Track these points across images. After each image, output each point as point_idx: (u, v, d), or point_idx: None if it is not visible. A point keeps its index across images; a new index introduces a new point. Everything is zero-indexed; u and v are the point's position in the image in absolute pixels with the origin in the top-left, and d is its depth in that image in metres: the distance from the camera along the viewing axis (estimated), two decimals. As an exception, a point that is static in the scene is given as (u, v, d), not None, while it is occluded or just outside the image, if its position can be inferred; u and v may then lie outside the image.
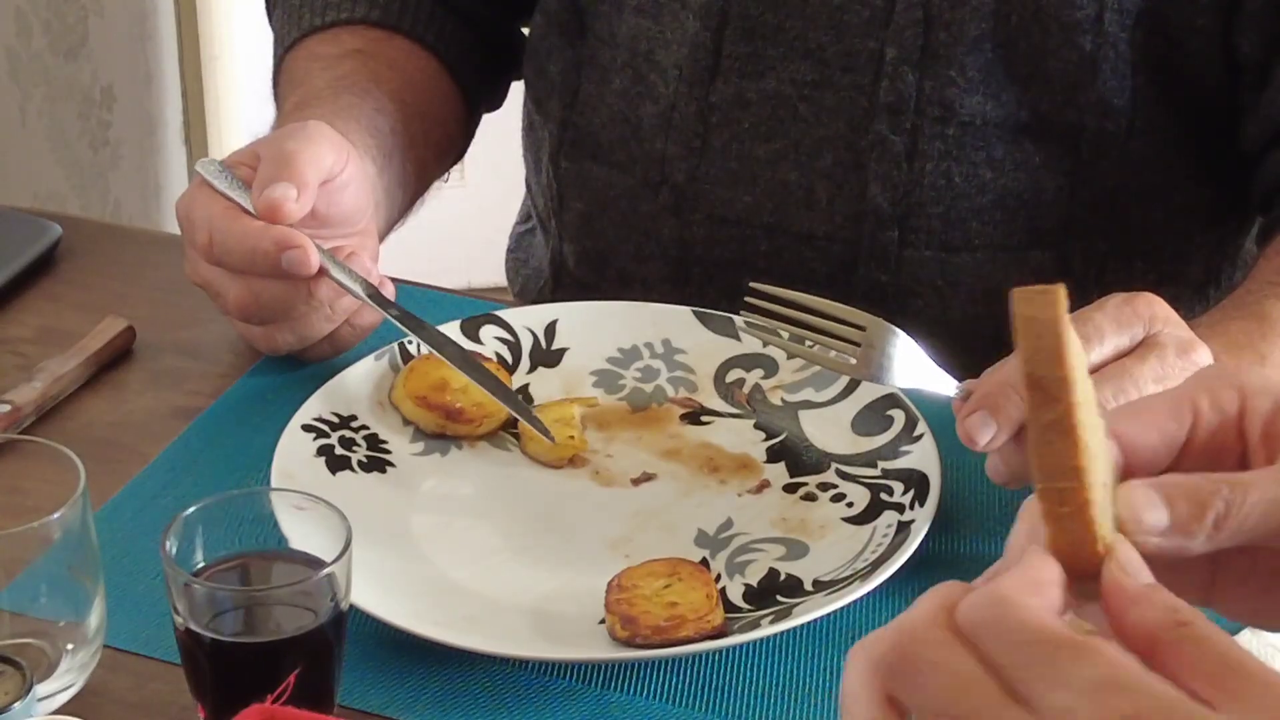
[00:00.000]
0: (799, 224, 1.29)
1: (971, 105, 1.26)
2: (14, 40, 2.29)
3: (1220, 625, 0.64)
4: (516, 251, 1.53)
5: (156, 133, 2.50)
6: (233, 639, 0.90)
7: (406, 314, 1.16)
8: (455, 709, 0.98)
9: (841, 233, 1.29)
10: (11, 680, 0.88)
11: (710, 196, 1.32)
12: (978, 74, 1.25)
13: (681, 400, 1.20)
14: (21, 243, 1.33)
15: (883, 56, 1.26)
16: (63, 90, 2.36)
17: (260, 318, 1.16)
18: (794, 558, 1.07)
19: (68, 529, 0.94)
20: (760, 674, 1.00)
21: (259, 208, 1.14)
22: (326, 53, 1.34)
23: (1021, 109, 1.26)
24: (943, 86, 1.26)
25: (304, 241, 1.13)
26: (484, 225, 1.69)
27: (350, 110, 1.26)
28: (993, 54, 1.25)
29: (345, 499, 0.99)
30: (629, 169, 1.35)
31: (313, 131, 1.17)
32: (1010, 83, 1.25)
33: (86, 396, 1.20)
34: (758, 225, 1.31)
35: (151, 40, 2.47)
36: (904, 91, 1.26)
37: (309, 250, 1.13)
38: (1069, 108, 1.26)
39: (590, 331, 1.22)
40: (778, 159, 1.30)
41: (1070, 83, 1.25)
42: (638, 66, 1.33)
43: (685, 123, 1.31)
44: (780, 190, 1.30)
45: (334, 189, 1.17)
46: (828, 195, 1.29)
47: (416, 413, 1.15)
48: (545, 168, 1.42)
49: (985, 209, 1.28)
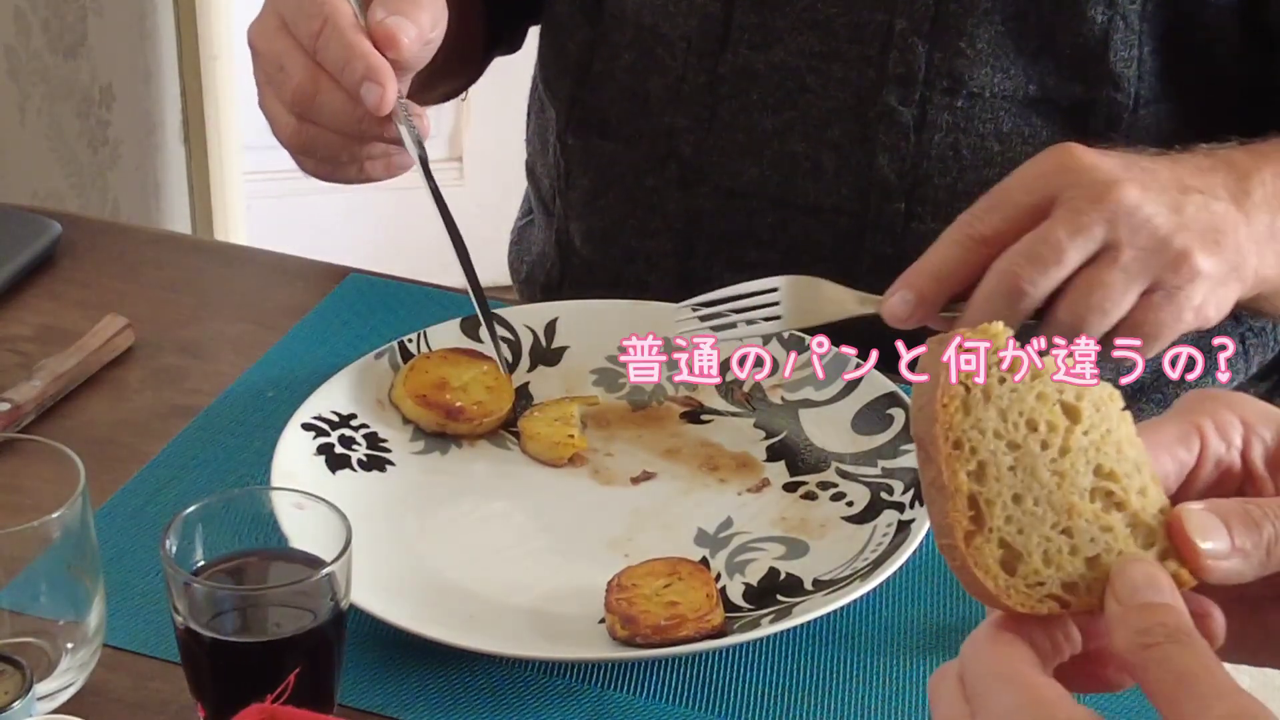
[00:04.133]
0: (805, 196, 1.29)
1: (980, 77, 1.26)
2: (13, 39, 2.29)
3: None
4: (519, 245, 1.53)
5: (156, 132, 2.50)
6: (232, 638, 0.90)
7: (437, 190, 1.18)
8: (455, 709, 0.97)
9: (848, 205, 1.29)
10: (11, 680, 0.88)
11: (717, 169, 1.32)
12: (987, 46, 1.25)
13: (681, 399, 1.20)
14: (21, 241, 1.32)
15: (892, 28, 1.26)
16: (62, 89, 2.36)
17: (307, 112, 1.16)
18: (794, 557, 1.07)
19: (67, 528, 0.94)
20: (760, 674, 1.00)
21: (375, 30, 1.15)
22: None
23: (1030, 82, 1.26)
24: (952, 58, 1.26)
25: (390, 82, 1.14)
26: (484, 224, 1.68)
27: None
28: (1003, 26, 1.25)
29: (345, 498, 0.99)
30: (635, 144, 1.36)
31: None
32: (1019, 55, 1.25)
33: (86, 395, 1.20)
34: (764, 197, 1.31)
35: (150, 40, 2.47)
36: (913, 63, 1.26)
37: (389, 92, 1.13)
38: (1078, 81, 1.25)
39: (590, 330, 1.22)
40: (785, 130, 1.30)
41: (1080, 56, 1.25)
42: (645, 41, 1.34)
43: (694, 94, 1.32)
44: (787, 162, 1.30)
45: (427, 49, 1.18)
46: (834, 167, 1.29)
47: (416, 411, 1.15)
48: (552, 146, 1.42)
49: (992, 181, 1.27)
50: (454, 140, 2.79)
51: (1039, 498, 0.70)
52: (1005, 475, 0.70)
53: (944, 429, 0.69)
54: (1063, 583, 0.70)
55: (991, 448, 0.70)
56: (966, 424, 0.70)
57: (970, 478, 0.70)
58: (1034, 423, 0.70)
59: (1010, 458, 0.70)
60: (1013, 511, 0.70)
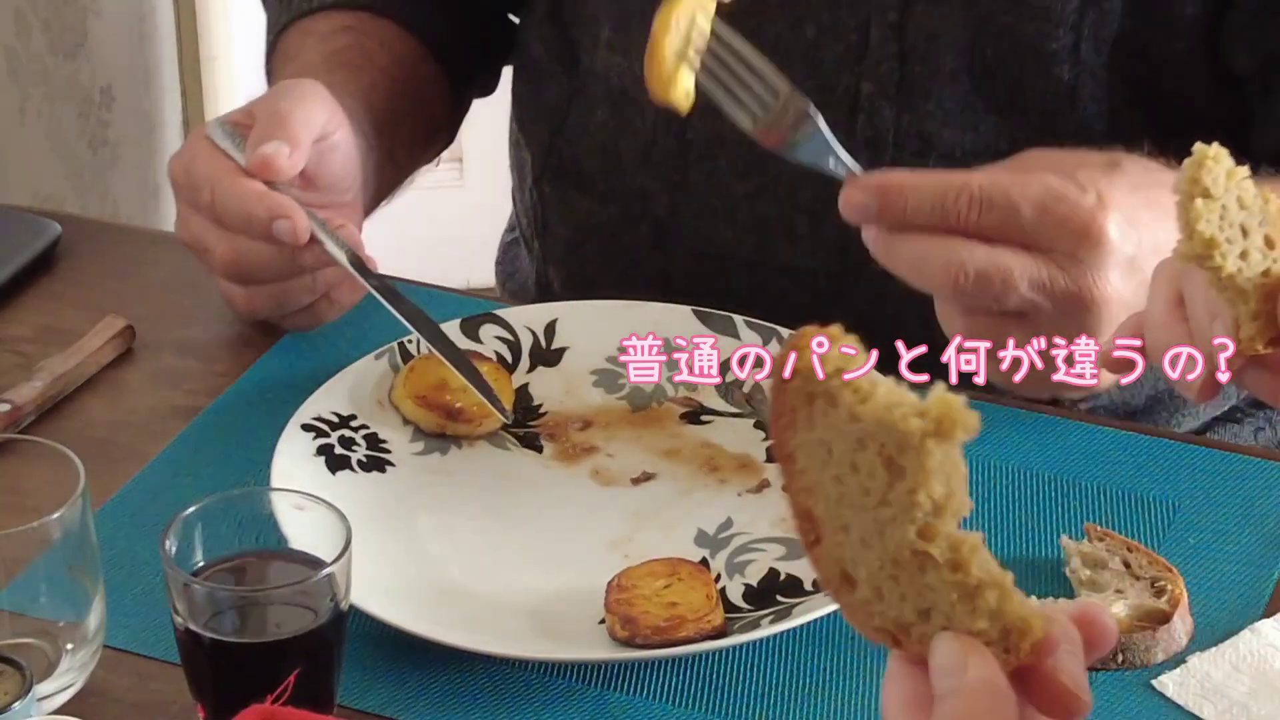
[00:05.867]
0: (781, 258, 1.27)
1: (950, 137, 1.25)
2: (13, 40, 2.28)
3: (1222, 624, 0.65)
4: (504, 263, 1.52)
5: (156, 133, 2.50)
6: (232, 639, 0.90)
7: (386, 286, 1.17)
8: (455, 709, 0.97)
9: (825, 266, 1.27)
10: (11, 680, 0.88)
11: (691, 231, 1.31)
12: (955, 106, 1.24)
13: (681, 399, 1.20)
14: (21, 242, 1.32)
15: (859, 91, 1.25)
16: (62, 90, 2.35)
17: (244, 278, 1.18)
18: (794, 557, 1.07)
19: (67, 529, 0.94)
20: (760, 674, 1.00)
21: (251, 164, 1.16)
22: (320, 29, 1.35)
23: (1001, 139, 1.24)
24: (920, 120, 1.24)
25: (296, 211, 1.14)
26: (484, 225, 1.68)
27: (344, 85, 1.26)
28: (970, 86, 1.24)
29: (345, 499, 0.99)
30: (610, 200, 1.35)
31: (306, 90, 1.19)
32: (988, 114, 1.24)
33: (86, 396, 1.20)
34: (740, 259, 1.30)
35: (150, 40, 2.46)
36: (881, 126, 1.25)
37: (299, 220, 1.14)
38: (1048, 136, 1.23)
39: (590, 331, 1.22)
40: (756, 194, 1.29)
41: (1049, 111, 1.24)
42: (616, 101, 1.33)
43: (664, 158, 1.31)
44: (761, 225, 1.29)
45: (325, 149, 1.19)
46: (808, 230, 1.28)
47: (416, 412, 1.15)
48: (529, 188, 1.42)
49: None
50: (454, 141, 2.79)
51: (867, 538, 0.67)
52: (833, 505, 0.67)
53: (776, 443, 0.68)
54: (896, 621, 0.68)
55: (817, 476, 0.67)
56: (794, 442, 0.67)
57: (803, 493, 0.68)
58: (855, 465, 0.66)
59: (836, 491, 0.67)
60: (843, 539, 0.67)
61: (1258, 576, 1.06)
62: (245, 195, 1.15)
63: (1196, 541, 1.09)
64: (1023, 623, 0.67)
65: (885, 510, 0.66)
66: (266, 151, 1.15)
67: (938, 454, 0.65)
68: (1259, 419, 1.36)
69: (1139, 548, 1.05)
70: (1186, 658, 1.00)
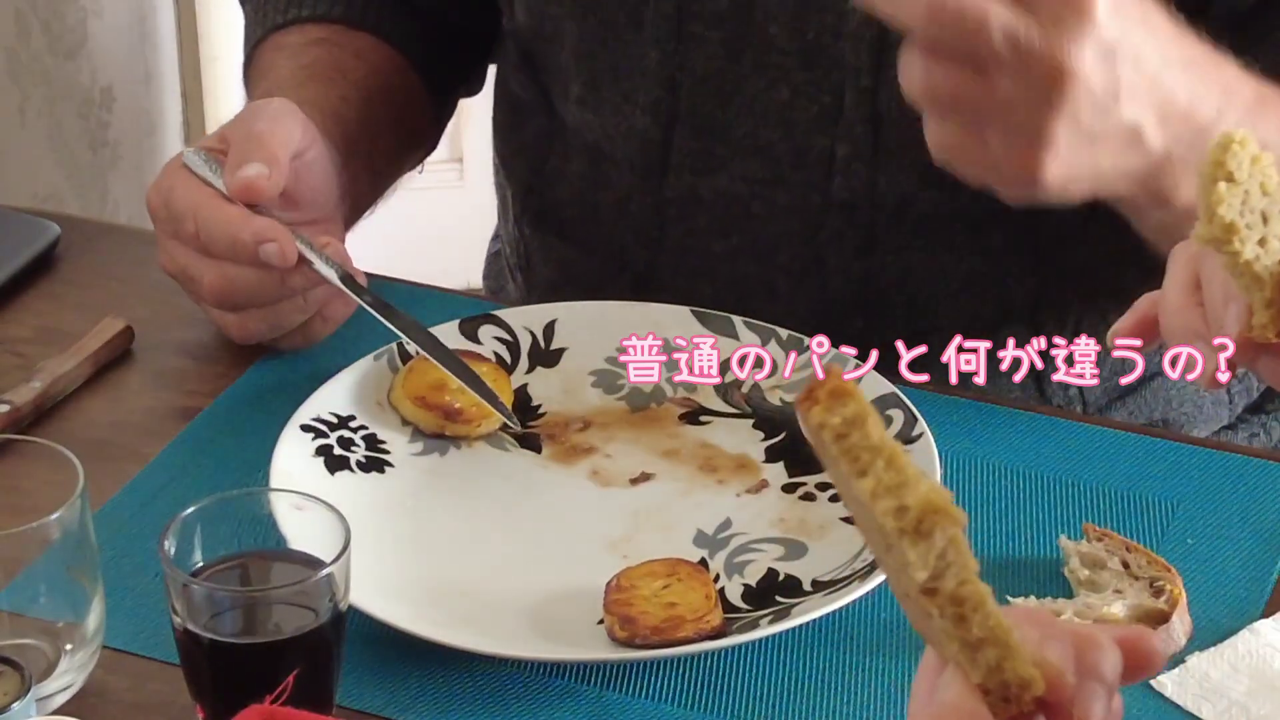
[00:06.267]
0: (763, 314, 1.24)
1: (927, 198, 1.23)
2: (13, 40, 2.29)
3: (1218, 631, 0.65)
4: (489, 280, 1.52)
5: (155, 133, 2.50)
6: (232, 639, 0.90)
7: (379, 300, 1.17)
8: (454, 709, 0.98)
9: (806, 322, 1.24)
10: (11, 680, 0.88)
11: (670, 287, 1.29)
12: (931, 168, 1.23)
13: (680, 400, 1.20)
14: (20, 243, 1.32)
15: (834, 154, 1.23)
16: (62, 90, 2.36)
17: (234, 304, 1.17)
18: (793, 558, 1.07)
19: (66, 529, 0.94)
20: (760, 674, 1.00)
21: (232, 189, 1.15)
22: (292, 42, 1.34)
23: (978, 199, 1.22)
24: (897, 182, 1.23)
25: (282, 234, 1.14)
26: (484, 225, 1.68)
27: (314, 100, 1.25)
28: None
29: (344, 499, 0.99)
30: (592, 250, 1.34)
31: (278, 109, 1.19)
32: None
33: (85, 396, 1.20)
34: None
35: (150, 41, 2.47)
36: (857, 188, 1.23)
37: (286, 242, 1.13)
38: None
39: (590, 331, 1.22)
40: (735, 253, 1.28)
41: None
42: (591, 155, 1.32)
43: (642, 214, 1.30)
44: (741, 283, 1.28)
45: (302, 166, 1.19)
46: (788, 288, 1.27)
47: (415, 413, 1.15)
48: (511, 224, 1.41)
49: (952, 293, 1.25)
50: (454, 141, 2.78)
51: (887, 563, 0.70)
52: None
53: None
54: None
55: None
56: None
57: None
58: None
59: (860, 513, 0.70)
60: None
61: (1256, 577, 1.06)
62: (229, 221, 1.14)
63: (1195, 542, 1.09)
64: (1022, 682, 0.69)
65: (892, 557, 0.68)
66: (247, 174, 1.15)
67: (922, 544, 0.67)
68: (1254, 425, 1.36)
69: (1138, 548, 1.05)
70: (1185, 658, 1.00)
